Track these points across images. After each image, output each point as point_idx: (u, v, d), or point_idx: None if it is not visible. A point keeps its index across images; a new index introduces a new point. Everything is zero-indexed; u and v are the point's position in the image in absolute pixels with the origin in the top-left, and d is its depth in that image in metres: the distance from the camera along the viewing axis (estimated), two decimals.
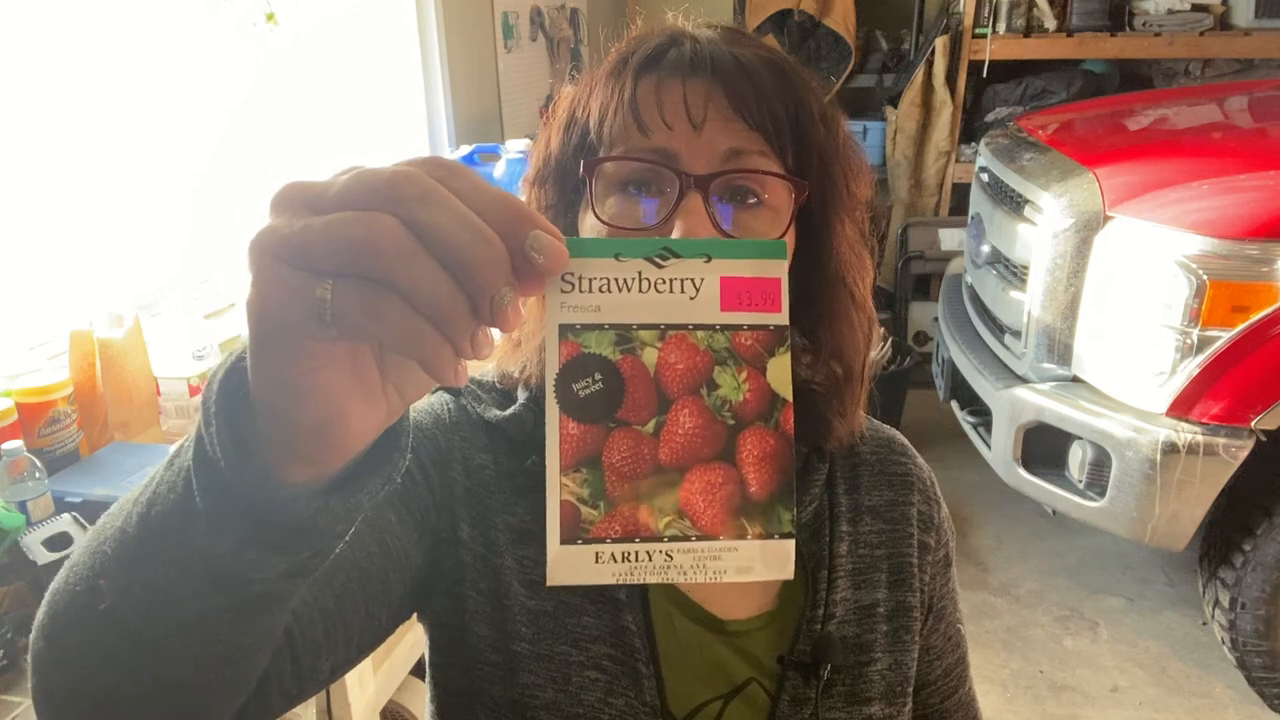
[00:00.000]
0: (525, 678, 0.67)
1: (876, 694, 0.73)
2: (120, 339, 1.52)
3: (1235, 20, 3.90)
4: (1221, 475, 1.98)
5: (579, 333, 0.41)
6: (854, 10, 4.18)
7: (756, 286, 0.43)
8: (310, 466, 0.39)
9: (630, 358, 0.42)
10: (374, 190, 0.34)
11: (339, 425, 0.37)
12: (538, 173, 0.73)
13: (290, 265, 0.34)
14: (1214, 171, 2.16)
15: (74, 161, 1.68)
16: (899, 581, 0.77)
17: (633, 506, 0.42)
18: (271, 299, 0.34)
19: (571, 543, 0.42)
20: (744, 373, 0.43)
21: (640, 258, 0.42)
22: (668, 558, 0.43)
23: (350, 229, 0.33)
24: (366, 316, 0.34)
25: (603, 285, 0.41)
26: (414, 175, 0.35)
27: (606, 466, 0.42)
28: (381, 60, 2.71)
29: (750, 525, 0.43)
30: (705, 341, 0.43)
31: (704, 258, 0.42)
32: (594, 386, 0.42)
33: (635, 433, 0.43)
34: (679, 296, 0.42)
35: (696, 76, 0.64)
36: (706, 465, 0.43)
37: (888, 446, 0.82)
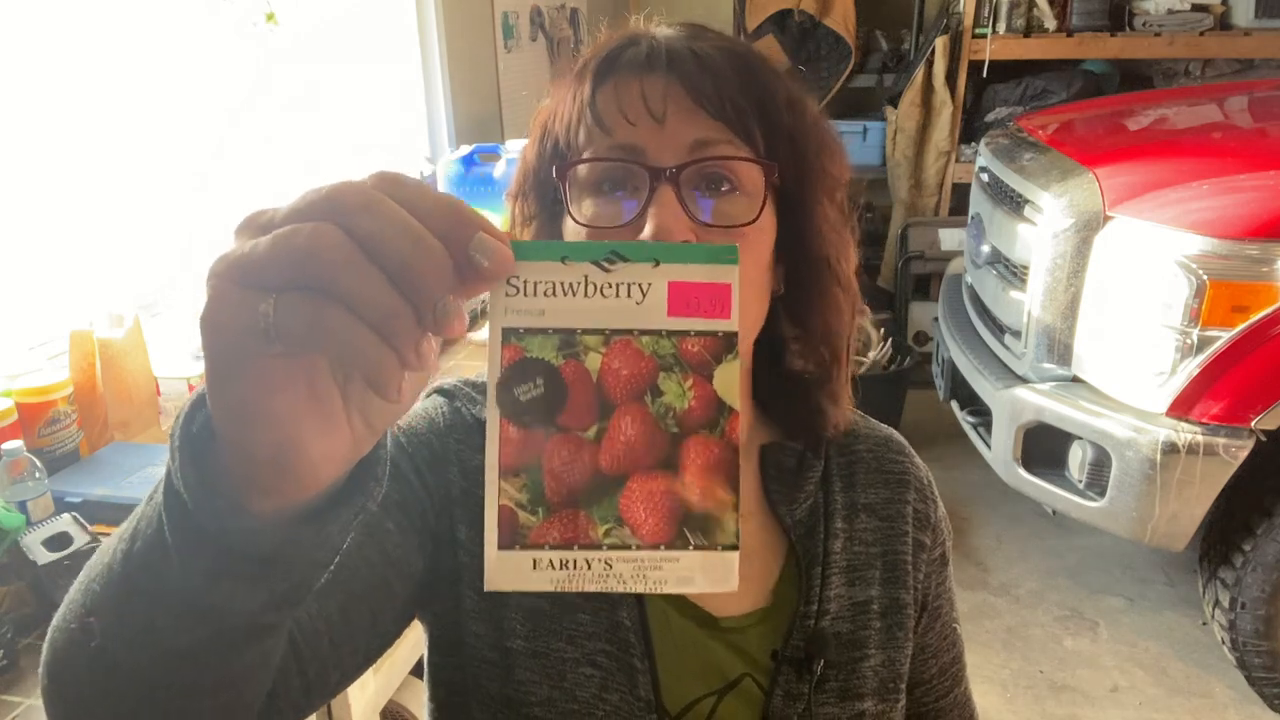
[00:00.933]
0: (521, 674, 0.67)
1: (869, 690, 0.73)
2: (120, 339, 1.52)
3: (1235, 20, 3.90)
4: (1221, 475, 1.98)
5: (522, 337, 0.41)
6: (854, 10, 4.18)
7: (706, 292, 0.42)
8: (274, 497, 0.38)
9: (573, 363, 0.41)
10: (317, 203, 0.35)
11: (296, 454, 0.37)
12: (519, 186, 0.73)
13: (238, 284, 0.34)
14: (1214, 171, 2.16)
15: (74, 162, 1.68)
16: (893, 579, 0.77)
17: (572, 513, 0.42)
18: (218, 318, 0.35)
19: (509, 548, 0.42)
20: (690, 380, 0.42)
21: (587, 261, 0.41)
22: (607, 566, 0.42)
23: (291, 239, 0.34)
24: (308, 327, 0.33)
25: (548, 289, 0.41)
26: (356, 186, 0.35)
27: (546, 472, 0.42)
28: (381, 60, 2.71)
29: (692, 536, 0.42)
30: (650, 347, 0.42)
31: (653, 262, 0.41)
32: (535, 391, 0.41)
33: (576, 438, 0.42)
34: (625, 301, 0.41)
35: (653, 72, 0.65)
36: (648, 473, 0.42)
37: (885, 445, 0.82)
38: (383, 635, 0.64)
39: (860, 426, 0.83)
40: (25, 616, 1.09)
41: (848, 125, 4.31)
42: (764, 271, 0.68)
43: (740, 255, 0.63)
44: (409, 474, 0.67)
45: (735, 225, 0.64)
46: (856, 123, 4.31)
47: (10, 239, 1.56)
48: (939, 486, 0.86)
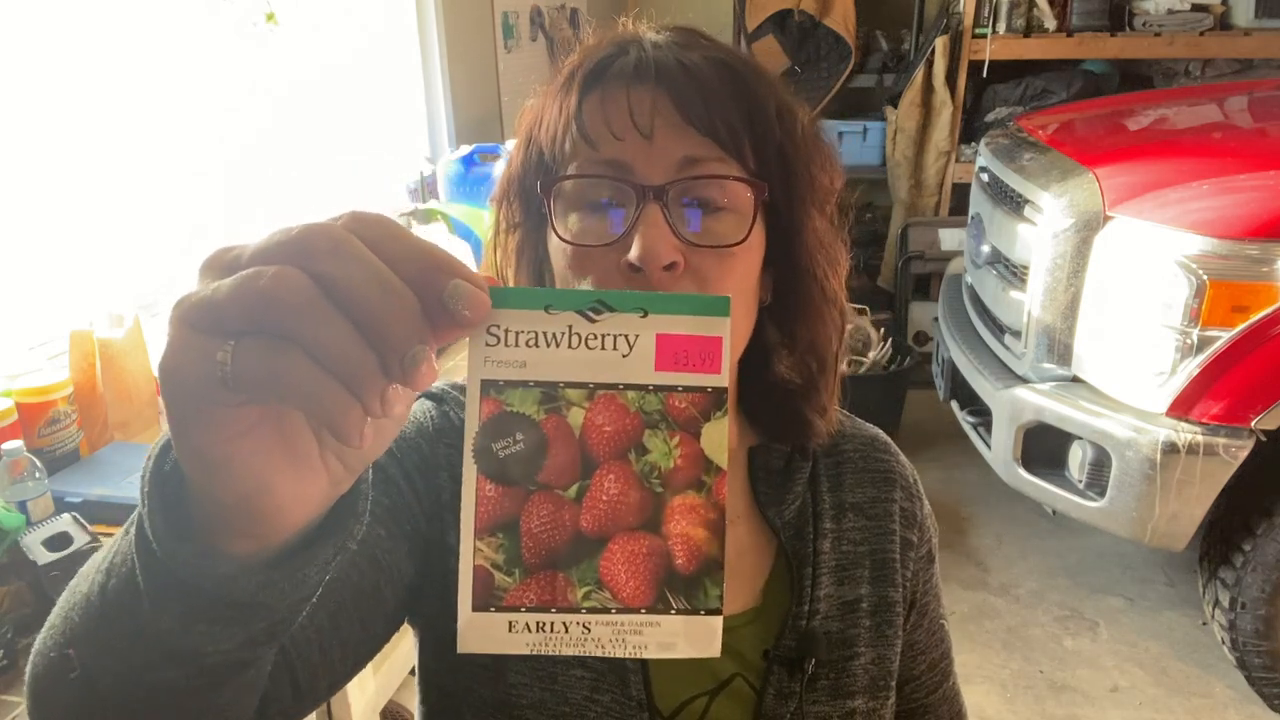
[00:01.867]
0: (512, 677, 0.67)
1: (860, 687, 0.73)
2: (120, 339, 1.52)
3: (1235, 20, 3.90)
4: (1221, 475, 1.98)
5: (502, 390, 0.39)
6: (854, 10, 4.18)
7: (695, 345, 0.40)
8: (247, 540, 0.37)
9: (555, 417, 0.40)
10: (284, 245, 0.33)
11: (265, 498, 0.36)
12: (503, 192, 0.72)
13: (198, 329, 0.33)
14: (1214, 171, 2.16)
15: (74, 162, 1.68)
16: (881, 577, 0.77)
17: (550, 575, 0.40)
18: (175, 365, 0.33)
19: (484, 610, 0.40)
20: (676, 437, 0.41)
21: (572, 310, 0.39)
22: (585, 630, 0.41)
23: (253, 282, 0.32)
24: (266, 376, 0.32)
25: (530, 339, 0.39)
26: (326, 228, 0.34)
27: (524, 532, 0.40)
28: (381, 60, 2.71)
29: (675, 599, 0.41)
30: (636, 403, 0.40)
31: (640, 312, 0.39)
32: (514, 447, 0.40)
33: (556, 497, 0.41)
34: (611, 354, 0.39)
35: (641, 85, 0.63)
36: (631, 534, 0.41)
37: (870, 444, 0.82)
38: (373, 640, 0.64)
39: (847, 426, 0.83)
40: (25, 616, 1.09)
41: (848, 125, 4.31)
42: (752, 285, 0.68)
43: (728, 272, 0.64)
44: (399, 480, 0.67)
45: (724, 245, 0.63)
46: (856, 123, 4.31)
47: (10, 239, 1.56)
48: (939, 486, 0.86)
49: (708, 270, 0.63)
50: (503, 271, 0.75)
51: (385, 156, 2.71)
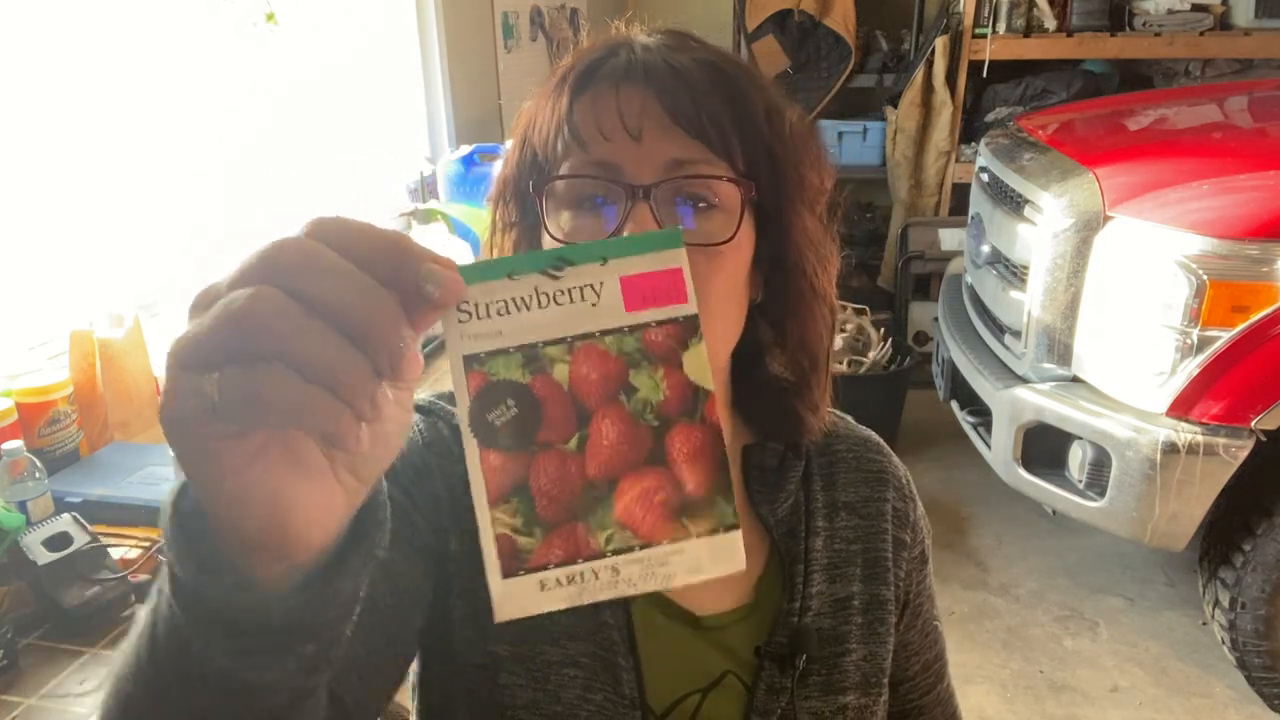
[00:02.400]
0: (506, 679, 0.67)
1: (852, 684, 0.74)
2: (120, 339, 1.52)
3: (1235, 20, 3.90)
4: (1221, 475, 1.98)
5: (484, 361, 0.40)
6: (854, 10, 4.18)
7: (659, 280, 0.41)
8: (276, 563, 0.38)
9: (541, 377, 0.40)
10: (256, 267, 0.34)
11: (286, 520, 0.36)
12: (499, 192, 0.73)
13: (188, 367, 0.33)
14: (1214, 171, 2.16)
15: (74, 162, 1.68)
16: (874, 575, 0.78)
17: (570, 527, 0.41)
18: (170, 407, 0.34)
19: (513, 575, 0.41)
20: (660, 370, 0.42)
21: (535, 272, 0.40)
22: (614, 572, 0.41)
23: (228, 310, 0.32)
24: (253, 400, 0.32)
25: (500, 308, 0.40)
26: (291, 241, 0.34)
27: (535, 492, 0.41)
28: (381, 60, 2.71)
29: (693, 524, 0.42)
30: (615, 346, 0.41)
31: (600, 260, 0.40)
32: (509, 413, 0.40)
33: (559, 452, 0.41)
34: (581, 305, 0.40)
35: (630, 86, 0.64)
36: (638, 472, 0.42)
37: (864, 445, 0.83)
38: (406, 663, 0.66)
39: (839, 427, 0.83)
40: (25, 616, 1.09)
41: (848, 125, 4.31)
42: (741, 283, 0.68)
43: (717, 270, 0.65)
44: (400, 499, 0.67)
45: (712, 244, 0.64)
46: (856, 123, 4.31)
47: (10, 239, 1.56)
48: (939, 486, 0.86)
49: (696, 268, 0.63)
50: None
51: (385, 156, 2.71)
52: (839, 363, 3.29)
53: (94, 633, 1.08)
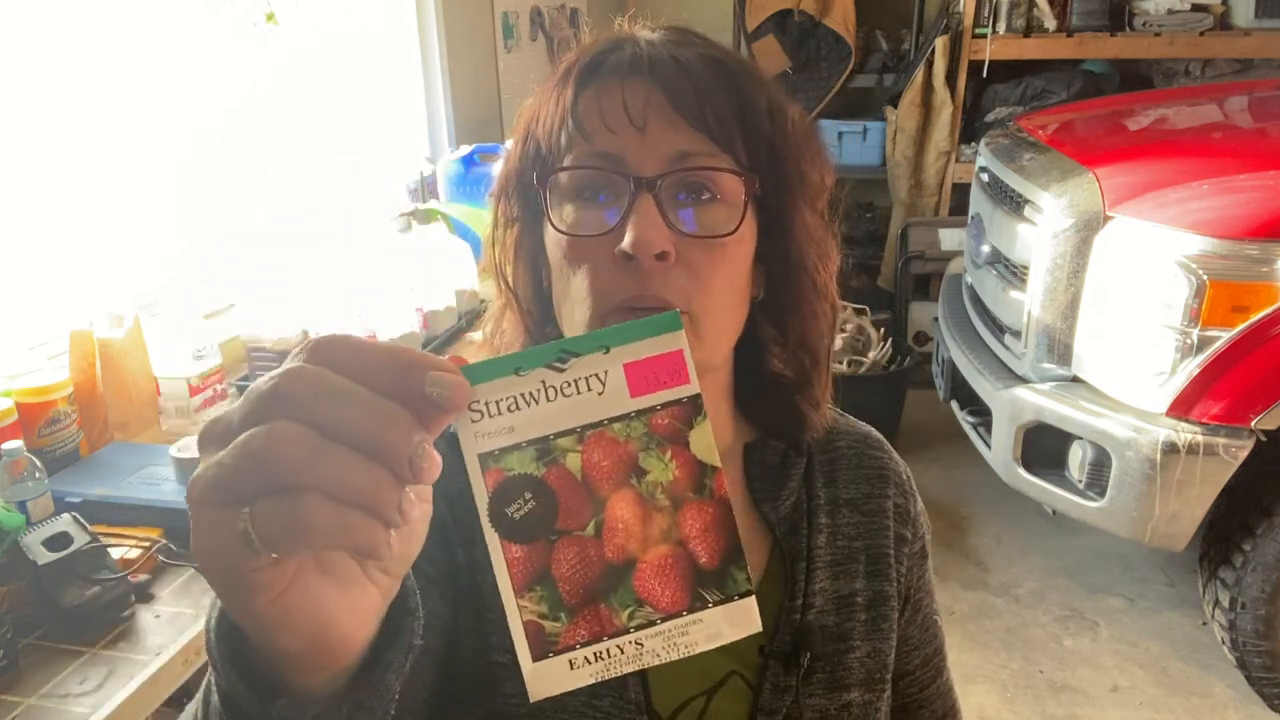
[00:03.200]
0: (509, 687, 0.67)
1: (856, 681, 0.74)
2: (120, 339, 1.52)
3: (1235, 20, 3.90)
4: (1221, 475, 1.98)
5: (498, 458, 0.41)
6: (854, 10, 4.18)
7: (660, 364, 0.42)
8: (321, 673, 0.39)
9: (555, 468, 0.42)
10: (266, 401, 0.35)
11: (329, 633, 0.37)
12: (501, 187, 0.73)
13: (215, 506, 0.34)
14: (1214, 171, 2.16)
15: (74, 162, 1.68)
16: (876, 572, 0.78)
17: (593, 608, 0.43)
18: (204, 546, 0.35)
19: (543, 658, 0.43)
20: (668, 452, 0.43)
21: (540, 366, 0.41)
22: (638, 646, 0.43)
23: (250, 447, 0.34)
24: (290, 528, 0.33)
25: (510, 404, 0.41)
26: (297, 371, 0.35)
27: (558, 579, 0.42)
28: (381, 60, 2.71)
29: (708, 594, 0.44)
30: (624, 433, 0.42)
31: (602, 349, 0.42)
32: (526, 506, 0.42)
33: (578, 539, 0.43)
34: (588, 395, 0.42)
35: (635, 78, 0.65)
36: (654, 550, 0.43)
37: (864, 441, 0.83)
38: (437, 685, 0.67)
39: (840, 424, 0.83)
40: (25, 616, 1.09)
41: (848, 125, 4.31)
42: (744, 278, 0.68)
43: (720, 263, 0.65)
44: None
45: (715, 235, 0.64)
46: (856, 123, 4.31)
47: (10, 239, 1.56)
48: (939, 486, 0.86)
49: (698, 261, 0.64)
50: (501, 267, 0.76)
51: (385, 156, 2.71)
52: (839, 363, 3.29)
53: (94, 633, 1.08)
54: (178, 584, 1.17)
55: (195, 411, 1.57)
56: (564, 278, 0.66)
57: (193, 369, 1.56)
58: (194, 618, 1.11)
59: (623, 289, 0.63)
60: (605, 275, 0.63)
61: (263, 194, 2.19)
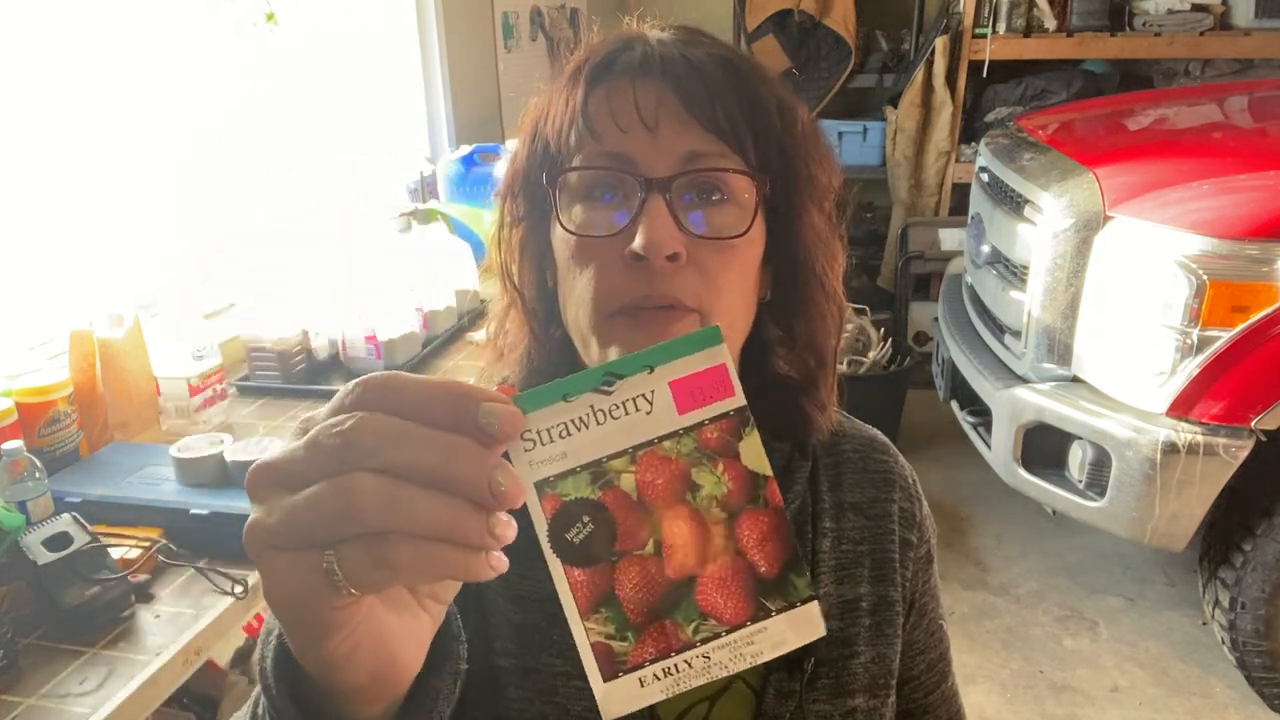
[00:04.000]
0: (513, 692, 0.67)
1: (860, 686, 0.73)
2: (120, 339, 1.52)
3: (1235, 20, 3.90)
4: (1221, 475, 1.98)
5: (554, 484, 0.42)
6: (854, 10, 4.18)
7: (705, 379, 0.43)
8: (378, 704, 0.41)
9: (611, 490, 0.42)
10: (336, 453, 0.35)
11: (394, 664, 0.39)
12: (508, 186, 0.73)
13: (288, 551, 0.35)
14: (1214, 171, 2.16)
15: (74, 162, 1.68)
16: (881, 576, 0.77)
17: (659, 626, 0.44)
18: (285, 588, 0.36)
19: (614, 678, 0.43)
20: (720, 465, 0.44)
21: (587, 390, 0.42)
22: (705, 659, 0.44)
23: (332, 501, 0.34)
24: (380, 569, 0.35)
25: (562, 431, 0.41)
26: (363, 422, 0.36)
27: (622, 599, 0.43)
28: (381, 60, 2.71)
29: (771, 602, 0.44)
30: (675, 450, 0.43)
31: (647, 370, 0.42)
32: (585, 530, 0.42)
33: (638, 559, 0.43)
34: (636, 416, 0.42)
35: (647, 78, 0.64)
36: (714, 563, 0.44)
37: (869, 445, 0.83)
38: None
39: (845, 427, 0.83)
40: (25, 616, 1.09)
41: (848, 125, 4.31)
42: (752, 280, 0.68)
43: (730, 264, 0.65)
44: None
45: (726, 237, 0.64)
46: (856, 123, 4.31)
47: (10, 239, 1.56)
48: (939, 486, 0.86)
49: (708, 262, 0.64)
50: (507, 267, 0.75)
51: (385, 156, 2.71)
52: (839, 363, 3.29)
53: (94, 633, 1.08)
54: (178, 584, 1.17)
55: (195, 411, 1.57)
56: (571, 277, 0.66)
57: (193, 369, 1.56)
58: (194, 618, 1.11)
59: (632, 289, 0.62)
60: (614, 275, 0.63)
61: (263, 194, 2.19)
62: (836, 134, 4.26)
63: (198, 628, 1.09)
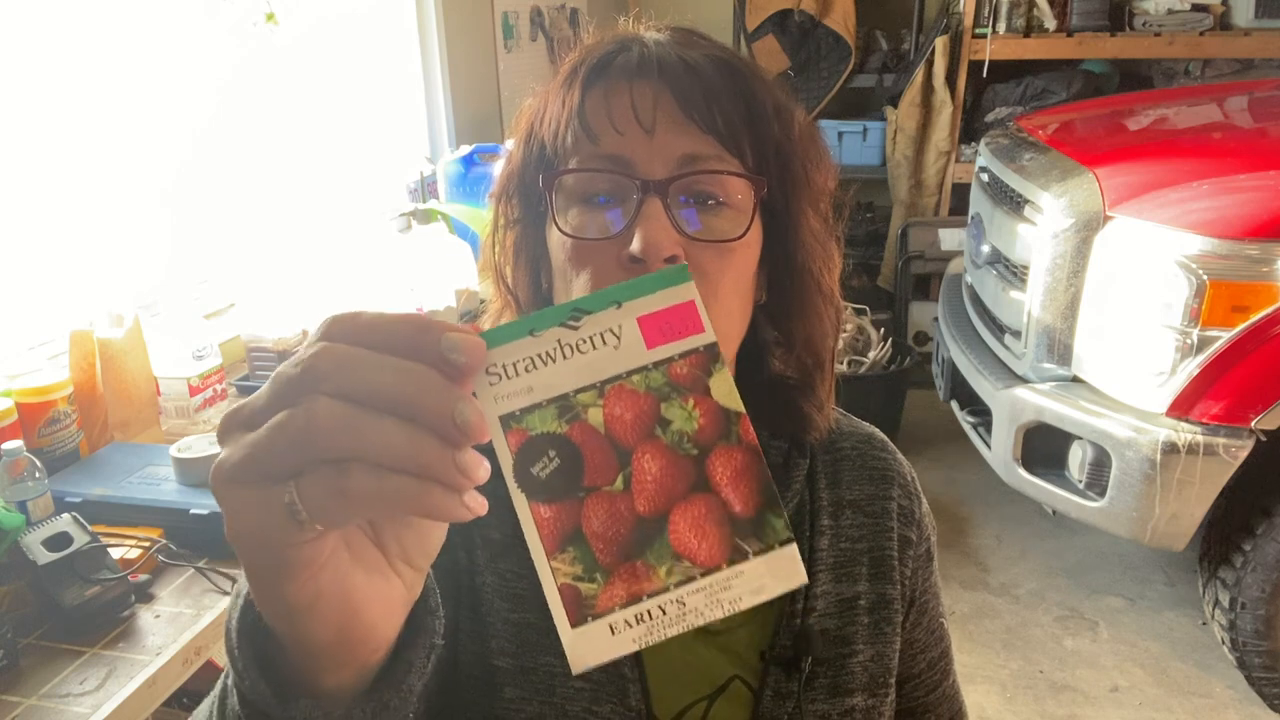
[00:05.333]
0: (510, 692, 0.67)
1: (859, 685, 0.73)
2: (120, 339, 1.52)
3: (1235, 20, 3.90)
4: (1221, 475, 1.97)
5: (520, 418, 0.41)
6: (854, 10, 4.18)
7: (674, 315, 0.42)
8: (346, 670, 0.40)
9: (578, 424, 0.41)
10: (294, 382, 0.35)
11: (356, 623, 0.38)
12: (502, 188, 0.73)
13: (250, 485, 0.34)
14: (1214, 171, 2.16)
15: (74, 162, 1.68)
16: (880, 574, 0.77)
17: (629, 566, 0.42)
18: (245, 523, 0.35)
19: (582, 623, 0.41)
20: (690, 400, 0.43)
21: (554, 326, 0.41)
22: (680, 605, 0.42)
23: (289, 425, 0.34)
24: (340, 497, 0.34)
25: (527, 365, 0.41)
26: (322, 350, 0.35)
27: (590, 536, 0.42)
28: (382, 60, 2.71)
29: (747, 544, 0.43)
30: (643, 384, 0.42)
31: (614, 305, 0.42)
32: (552, 464, 0.41)
33: (607, 494, 0.42)
34: (604, 350, 0.41)
35: (643, 80, 0.64)
36: (686, 501, 0.42)
37: (868, 442, 0.82)
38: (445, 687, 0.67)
39: (843, 424, 0.83)
40: (25, 616, 1.09)
41: (848, 125, 4.31)
42: (749, 282, 0.68)
43: (727, 268, 0.65)
44: None
45: (724, 239, 0.64)
46: (856, 123, 4.31)
47: (10, 239, 1.56)
48: (939, 486, 0.86)
49: (706, 265, 0.64)
50: (501, 268, 0.75)
51: (385, 156, 2.71)
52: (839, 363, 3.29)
53: (94, 633, 1.08)
54: (178, 584, 1.17)
55: (195, 411, 1.57)
56: (567, 280, 0.66)
57: (193, 369, 1.56)
58: (194, 618, 1.11)
59: None
60: (611, 278, 0.63)
61: (263, 194, 2.19)
62: (836, 134, 4.26)
63: (198, 628, 1.09)
